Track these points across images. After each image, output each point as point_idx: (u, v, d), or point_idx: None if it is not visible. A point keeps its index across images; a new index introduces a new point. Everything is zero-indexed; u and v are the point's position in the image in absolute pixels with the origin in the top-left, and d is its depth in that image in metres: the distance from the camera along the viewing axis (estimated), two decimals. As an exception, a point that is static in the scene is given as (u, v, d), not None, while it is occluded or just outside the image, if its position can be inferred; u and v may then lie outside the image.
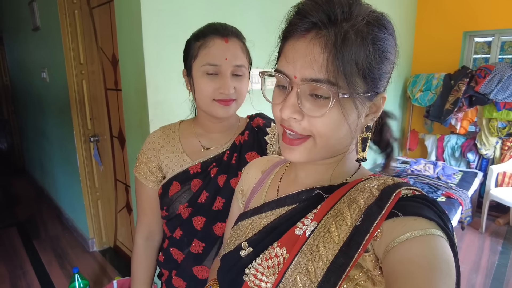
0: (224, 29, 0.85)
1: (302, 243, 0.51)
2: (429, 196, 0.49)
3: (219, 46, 0.82)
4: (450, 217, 2.50)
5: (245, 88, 0.88)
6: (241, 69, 0.85)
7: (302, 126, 0.50)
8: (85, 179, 2.68)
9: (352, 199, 0.51)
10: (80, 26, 2.41)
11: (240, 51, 0.85)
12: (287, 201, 0.59)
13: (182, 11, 1.61)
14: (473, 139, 3.55)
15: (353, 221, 0.48)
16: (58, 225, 3.31)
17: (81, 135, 2.61)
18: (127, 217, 2.46)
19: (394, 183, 0.51)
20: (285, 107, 0.49)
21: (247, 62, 0.88)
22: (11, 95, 4.85)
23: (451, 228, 0.46)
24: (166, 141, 0.95)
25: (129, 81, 1.72)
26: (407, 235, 0.43)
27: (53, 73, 2.82)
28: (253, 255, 0.57)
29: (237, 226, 0.65)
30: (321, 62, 0.46)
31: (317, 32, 0.46)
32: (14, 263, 2.67)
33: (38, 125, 3.64)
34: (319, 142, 0.50)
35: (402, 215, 0.45)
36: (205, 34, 0.84)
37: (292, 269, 0.50)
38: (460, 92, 3.31)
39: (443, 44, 3.75)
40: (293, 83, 0.48)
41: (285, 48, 0.50)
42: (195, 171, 0.90)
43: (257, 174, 0.71)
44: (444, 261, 0.41)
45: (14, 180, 4.65)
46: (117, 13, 1.70)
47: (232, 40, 0.84)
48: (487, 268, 2.64)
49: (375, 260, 0.48)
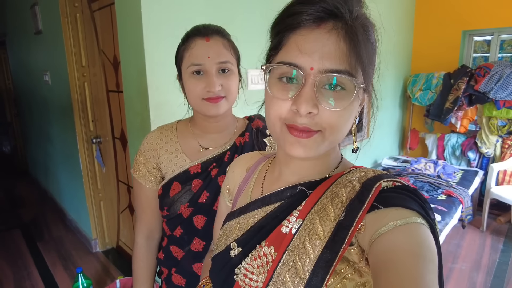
0: (205, 28, 0.86)
1: (289, 241, 0.51)
2: (409, 186, 0.50)
3: (200, 46, 0.84)
4: (451, 215, 2.51)
5: (234, 84, 0.88)
6: (226, 65, 0.85)
7: (315, 121, 0.48)
8: (87, 181, 2.71)
9: (335, 193, 0.51)
10: (82, 29, 2.44)
11: (223, 48, 0.85)
12: (272, 199, 0.59)
13: (183, 13, 1.63)
14: (473, 138, 3.56)
15: (336, 217, 0.48)
16: (61, 226, 3.33)
17: (83, 137, 2.63)
18: (129, 217, 2.49)
19: (375, 175, 0.51)
20: (302, 101, 0.46)
21: (233, 58, 0.88)
22: (14, 98, 4.89)
23: (432, 215, 0.47)
24: (164, 141, 0.95)
25: (131, 82, 1.74)
26: (389, 225, 0.44)
27: (55, 76, 2.85)
28: (242, 255, 0.57)
29: (225, 226, 0.65)
30: (344, 52, 0.46)
31: (334, 23, 0.46)
32: (19, 265, 2.70)
33: (41, 127, 3.67)
34: (328, 136, 0.49)
35: (383, 207, 0.46)
36: (188, 36, 0.87)
37: (281, 267, 0.50)
38: (460, 91, 3.32)
39: (443, 43, 3.76)
40: (308, 74, 0.46)
41: (292, 39, 0.48)
42: (195, 171, 0.90)
43: (242, 172, 0.70)
44: (426, 247, 0.42)
45: (18, 183, 4.69)
46: (118, 16, 1.72)
47: (214, 38, 0.85)
48: (488, 266, 2.65)
49: (360, 252, 0.48)
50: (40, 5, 2.81)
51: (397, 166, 3.60)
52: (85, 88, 2.57)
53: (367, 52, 0.48)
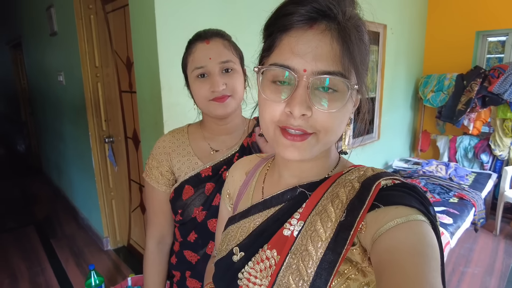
0: (205, 33, 0.88)
1: (291, 243, 0.51)
2: (408, 183, 0.49)
3: (201, 49, 0.86)
4: (463, 218, 2.48)
5: (239, 82, 0.89)
6: (229, 64, 0.86)
7: (309, 123, 0.47)
8: (100, 180, 2.75)
9: (335, 194, 0.51)
10: (96, 31, 2.49)
11: (223, 48, 0.87)
12: (272, 202, 0.58)
13: (196, 15, 1.65)
14: (486, 140, 3.50)
15: (337, 217, 0.48)
16: (74, 224, 3.40)
17: (96, 136, 2.68)
18: (140, 216, 2.52)
19: (374, 174, 0.51)
20: (295, 103, 0.46)
21: (235, 57, 0.89)
22: (29, 98, 5.00)
23: (432, 212, 0.46)
24: (176, 145, 0.96)
25: (144, 83, 1.77)
26: (390, 224, 0.43)
27: (69, 76, 2.91)
28: (245, 259, 0.57)
29: (227, 230, 0.65)
30: (336, 54, 0.45)
31: (327, 24, 0.46)
32: (33, 260, 2.76)
33: (55, 126, 3.75)
34: (322, 138, 0.49)
35: (384, 206, 0.46)
36: (190, 43, 0.89)
37: (284, 271, 0.50)
38: (473, 92, 3.27)
39: (455, 44, 3.71)
40: (301, 76, 0.46)
41: (285, 40, 0.47)
42: (206, 174, 0.91)
43: (241, 176, 0.70)
44: (428, 244, 0.41)
45: (32, 181, 4.79)
46: (132, 17, 1.75)
47: (214, 40, 0.87)
48: (502, 270, 2.60)
49: (363, 252, 0.48)
50: (55, 7, 2.87)
51: (408, 168, 3.56)
52: (98, 88, 2.61)
53: (360, 53, 0.47)
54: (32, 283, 2.45)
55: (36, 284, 2.44)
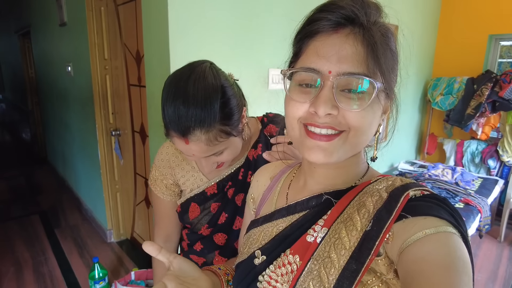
0: (181, 127, 0.70)
1: (313, 249, 0.51)
2: (438, 195, 0.48)
3: (181, 146, 0.74)
4: (468, 224, 2.46)
5: (233, 149, 0.80)
6: (215, 151, 0.76)
7: (338, 120, 0.48)
8: (105, 172, 2.76)
9: (361, 203, 0.50)
10: (106, 23, 2.48)
11: (206, 148, 0.73)
12: (297, 208, 0.58)
13: (208, 10, 1.63)
14: (494, 146, 3.46)
15: (363, 226, 0.47)
16: (78, 215, 3.42)
17: (103, 128, 2.68)
18: (145, 210, 2.52)
19: (403, 184, 0.50)
20: (321, 102, 0.47)
21: (222, 143, 0.75)
22: (36, 87, 5.01)
23: (463, 226, 0.45)
24: (180, 159, 0.92)
25: (154, 78, 1.76)
26: (418, 234, 0.42)
27: (78, 68, 2.90)
28: (266, 263, 0.57)
29: (249, 234, 0.65)
30: (361, 56, 0.46)
31: (352, 28, 0.47)
32: (37, 250, 2.78)
33: (61, 117, 3.75)
34: (351, 138, 0.49)
35: (412, 216, 0.45)
36: (166, 126, 0.74)
37: (305, 276, 0.50)
38: (483, 97, 3.23)
39: (467, 47, 3.66)
40: (326, 78, 0.47)
41: (311, 45, 0.49)
42: (211, 192, 0.89)
43: (266, 181, 0.70)
44: (458, 258, 0.40)
45: (37, 170, 4.82)
46: (144, 11, 1.73)
47: (194, 137, 0.71)
48: (505, 278, 2.59)
49: (389, 263, 0.47)
50: (65, -3, 2.86)
51: (413, 170, 3.53)
52: (107, 81, 2.61)
53: (385, 56, 0.48)
54: (36, 272, 2.47)
55: (39, 273, 2.46)
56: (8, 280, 2.38)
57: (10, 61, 6.58)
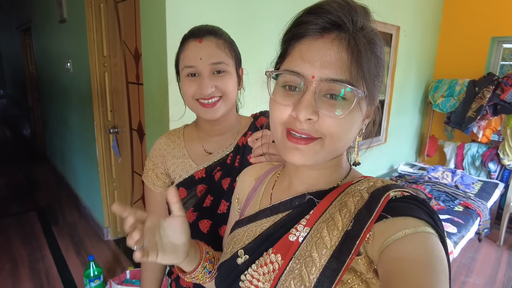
0: (199, 30, 0.85)
1: (295, 249, 0.51)
2: (418, 196, 0.49)
3: (193, 48, 0.83)
4: (467, 228, 2.44)
5: (231, 84, 0.85)
6: (220, 66, 0.83)
7: (315, 127, 0.48)
8: (103, 170, 2.75)
9: (343, 203, 0.51)
10: (105, 20, 2.47)
11: (216, 49, 0.83)
12: (280, 208, 0.59)
13: (206, 9, 1.61)
14: (495, 149, 3.44)
15: (344, 226, 0.48)
16: (75, 212, 3.41)
17: (101, 126, 2.67)
18: (142, 209, 2.49)
19: (384, 185, 0.51)
20: (302, 107, 0.47)
21: (228, 58, 0.85)
22: (36, 84, 5.01)
23: (441, 226, 0.46)
24: (171, 147, 0.95)
25: (151, 77, 1.74)
26: (398, 235, 0.43)
27: (77, 64, 2.89)
28: (249, 262, 0.58)
29: (233, 234, 0.65)
30: (345, 62, 0.46)
31: (338, 34, 0.47)
32: (34, 247, 2.78)
33: (61, 113, 3.75)
34: (328, 144, 0.50)
35: (392, 217, 0.46)
36: (183, 40, 0.86)
37: (286, 275, 0.50)
38: (485, 99, 3.21)
39: (469, 49, 3.63)
40: (309, 82, 0.47)
41: (297, 48, 0.49)
42: (199, 176, 0.90)
43: (251, 182, 0.71)
44: (436, 257, 0.41)
45: (36, 166, 4.82)
46: (142, 9, 1.72)
47: (207, 39, 0.83)
48: (504, 282, 2.57)
49: (368, 263, 0.48)
50: (65, -6, 2.85)
51: (413, 173, 3.51)
52: (105, 78, 2.59)
53: (369, 64, 0.48)
54: (31, 270, 2.46)
55: (35, 270, 2.46)
56: (3, 277, 2.37)
57: (11, 57, 6.58)
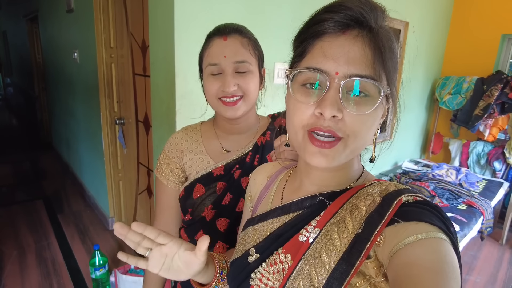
0: (224, 28, 0.85)
1: (305, 249, 0.52)
2: (431, 202, 0.49)
3: (218, 45, 0.83)
4: (470, 226, 2.44)
5: (253, 84, 0.85)
6: (244, 65, 0.83)
7: (339, 126, 0.47)
8: (108, 160, 2.77)
9: (354, 206, 0.51)
10: (113, 10, 2.46)
11: (240, 47, 0.83)
12: (292, 208, 0.59)
13: (215, 2, 1.61)
14: (501, 148, 3.42)
15: (355, 229, 0.48)
16: (80, 201, 3.45)
17: (107, 117, 2.69)
18: (147, 200, 2.54)
19: (396, 189, 0.50)
20: (327, 104, 0.46)
21: (252, 57, 0.85)
22: (43, 73, 5.03)
23: (454, 233, 0.46)
24: (189, 142, 0.94)
25: (158, 69, 1.75)
26: (409, 239, 0.43)
27: (84, 55, 2.90)
28: (259, 261, 0.58)
29: (244, 232, 0.66)
30: (369, 58, 0.46)
31: (359, 30, 0.47)
32: (40, 234, 2.82)
33: (67, 103, 3.77)
34: (351, 143, 0.49)
35: (403, 221, 0.45)
36: (208, 37, 0.86)
37: (296, 275, 0.50)
38: (492, 97, 3.17)
39: (478, 46, 3.58)
40: (333, 79, 0.47)
41: (317, 46, 0.48)
42: (218, 174, 0.90)
43: (263, 180, 0.71)
44: (448, 263, 0.40)
45: (42, 155, 4.87)
46: (150, 1, 1.71)
47: (232, 37, 0.83)
48: (505, 281, 2.58)
49: (378, 266, 0.47)
50: (73, -17, 2.84)
51: (417, 170, 3.50)
52: (112, 69, 2.60)
53: (391, 60, 0.49)
54: (38, 257, 2.51)
55: (42, 258, 2.50)
56: (11, 263, 2.42)
57: (18, 46, 6.59)
